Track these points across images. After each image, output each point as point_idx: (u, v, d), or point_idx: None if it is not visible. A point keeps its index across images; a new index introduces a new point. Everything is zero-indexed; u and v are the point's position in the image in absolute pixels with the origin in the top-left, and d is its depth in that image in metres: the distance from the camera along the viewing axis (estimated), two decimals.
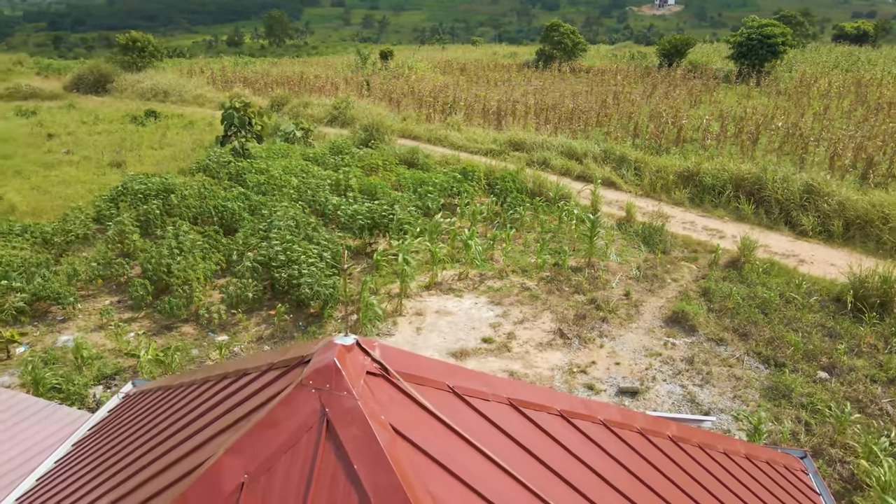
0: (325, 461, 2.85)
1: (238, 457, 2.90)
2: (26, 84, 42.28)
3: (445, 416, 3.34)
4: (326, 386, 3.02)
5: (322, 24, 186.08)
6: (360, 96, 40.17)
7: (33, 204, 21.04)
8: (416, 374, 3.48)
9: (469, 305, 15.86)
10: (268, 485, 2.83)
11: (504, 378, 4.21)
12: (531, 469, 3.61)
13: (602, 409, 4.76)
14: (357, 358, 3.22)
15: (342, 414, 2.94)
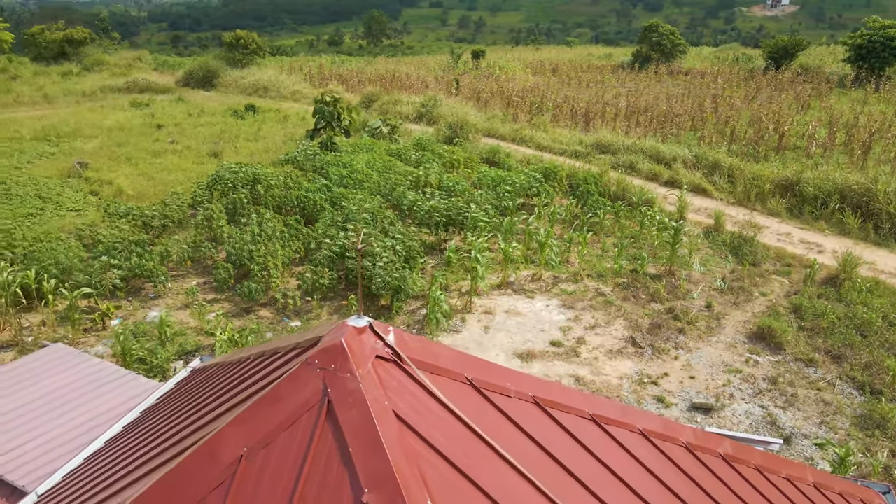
0: (322, 442, 2.82)
1: (239, 430, 2.93)
2: (143, 78, 45.53)
3: (457, 408, 3.23)
4: (331, 366, 2.99)
5: (420, 24, 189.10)
6: (449, 95, 40.43)
7: (139, 188, 22.58)
8: (431, 363, 3.39)
9: (540, 307, 15.57)
10: (265, 460, 2.84)
11: (534, 376, 4.03)
12: (549, 472, 3.43)
13: (642, 417, 4.48)
14: (368, 341, 3.17)
15: (343, 396, 2.90)
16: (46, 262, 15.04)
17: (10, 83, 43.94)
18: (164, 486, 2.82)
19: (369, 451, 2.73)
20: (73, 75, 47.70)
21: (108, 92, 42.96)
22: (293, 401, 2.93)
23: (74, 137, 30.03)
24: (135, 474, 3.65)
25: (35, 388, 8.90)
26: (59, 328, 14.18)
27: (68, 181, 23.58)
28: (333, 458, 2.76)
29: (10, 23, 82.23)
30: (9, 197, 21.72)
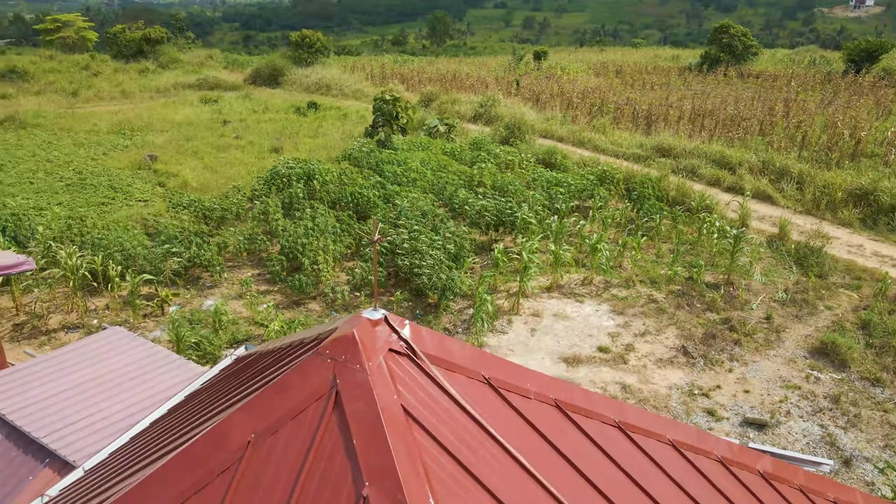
0: (327, 432, 2.81)
1: (248, 417, 2.95)
2: (213, 76, 47.22)
3: (470, 405, 3.17)
4: (342, 357, 2.98)
5: (484, 25, 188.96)
6: (508, 95, 40.19)
7: (202, 181, 23.39)
8: (447, 360, 3.34)
9: (589, 312, 15.26)
10: (271, 448, 2.85)
11: (557, 379, 3.92)
12: (565, 478, 3.32)
13: (673, 427, 4.30)
14: (381, 333, 3.15)
15: (351, 387, 2.88)
16: (113, 248, 15.76)
17: (92, 79, 46.35)
18: (171, 468, 2.87)
19: (373, 445, 2.71)
20: (149, 72, 49.93)
21: (181, 88, 44.74)
22: (302, 390, 2.94)
23: (147, 131, 31.40)
24: (156, 455, 3.74)
25: (92, 368, 9.31)
26: (122, 312, 14.84)
27: (139, 173, 24.67)
28: (338, 450, 2.75)
29: (95, 22, 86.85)
30: (84, 186, 22.91)
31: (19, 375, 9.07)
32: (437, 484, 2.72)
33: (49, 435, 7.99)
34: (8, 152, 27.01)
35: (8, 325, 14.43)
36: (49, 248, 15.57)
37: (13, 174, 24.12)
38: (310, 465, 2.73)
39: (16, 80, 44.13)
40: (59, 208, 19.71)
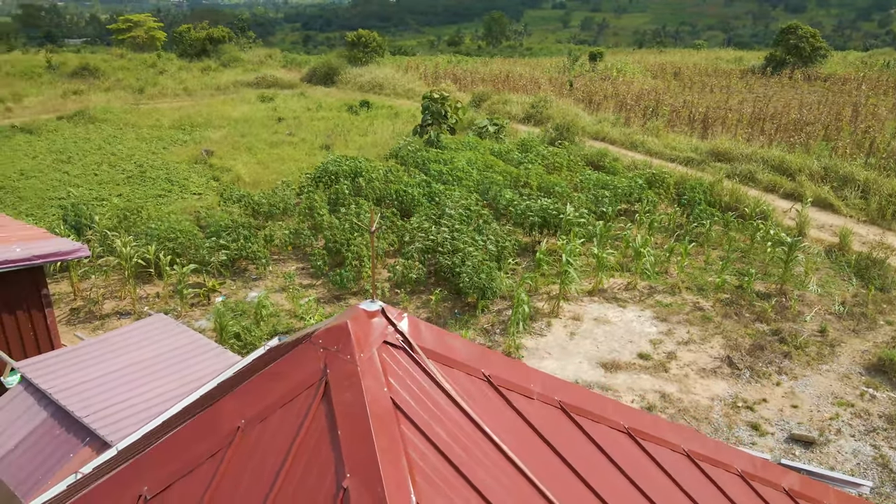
0: (315, 422, 2.80)
1: (239, 402, 2.97)
2: (271, 75, 48.40)
3: (465, 402, 3.12)
4: (334, 347, 2.97)
5: (541, 26, 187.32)
6: (560, 96, 39.70)
7: (254, 176, 23.98)
8: (446, 355, 3.29)
9: (631, 317, 14.91)
10: (260, 434, 2.86)
11: (568, 382, 3.82)
12: (564, 483, 3.23)
13: (690, 437, 4.13)
14: (377, 325, 3.12)
15: (340, 378, 2.87)
16: (165, 239, 16.31)
17: (158, 77, 48.18)
18: (162, 450, 2.92)
19: (357, 437, 2.68)
20: (211, 70, 51.57)
21: (240, 86, 46.02)
22: (293, 378, 2.94)
23: (205, 127, 32.42)
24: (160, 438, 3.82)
25: (135, 353, 9.65)
26: (171, 301, 15.34)
27: (195, 167, 25.49)
28: (323, 440, 2.74)
29: (165, 23, 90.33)
30: (143, 179, 23.83)
31: (68, 357, 9.48)
32: (421, 479, 2.67)
33: (91, 415, 8.31)
34: (77, 145, 28.34)
35: (66, 308, 15.12)
36: (106, 237, 16.23)
37: (80, 166, 25.30)
38: (295, 453, 2.73)
39: (88, 77, 46.28)
40: (118, 199, 20.55)
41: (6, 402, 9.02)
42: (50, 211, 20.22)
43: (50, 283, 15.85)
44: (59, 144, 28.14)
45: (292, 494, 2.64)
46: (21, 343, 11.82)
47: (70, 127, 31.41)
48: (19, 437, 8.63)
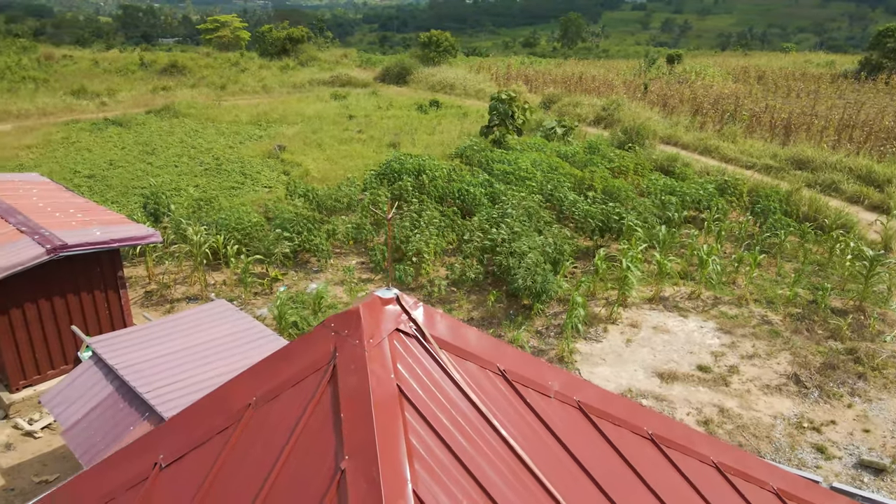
0: (320, 404, 2.85)
1: (251, 380, 3.06)
2: (345, 73, 49.54)
3: (475, 394, 3.09)
4: (344, 332, 3.01)
5: (619, 27, 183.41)
6: (634, 99, 38.75)
7: (322, 171, 24.61)
8: (460, 347, 3.28)
9: (693, 328, 14.38)
10: (268, 412, 2.94)
11: (592, 384, 3.73)
12: (574, 484, 3.15)
13: (719, 449, 3.94)
14: (390, 313, 3.14)
15: (348, 362, 2.91)
16: (234, 229, 16.98)
17: (239, 75, 50.18)
18: (179, 421, 3.04)
19: (358, 420, 2.71)
20: (289, 69, 53.26)
21: (315, 84, 47.32)
22: (303, 360, 3.00)
23: (280, 123, 33.52)
24: None
25: (195, 335, 10.09)
26: (236, 288, 15.95)
27: (268, 161, 26.39)
28: (327, 421, 2.78)
29: (250, 23, 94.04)
30: (219, 172, 24.88)
31: (135, 336, 10.00)
32: (420, 465, 2.67)
33: (151, 392, 8.74)
34: (161, 138, 29.89)
35: (141, 291, 15.98)
36: (179, 225, 17.04)
37: (162, 157, 26.68)
38: (299, 433, 2.78)
39: (176, 75, 48.73)
40: (194, 190, 21.55)
41: (78, 374, 9.62)
42: (133, 198, 21.41)
43: (128, 267, 16.83)
44: (146, 137, 29.76)
45: (294, 472, 2.70)
46: (97, 320, 12.59)
47: (156, 121, 33.16)
48: (87, 409, 9.19)
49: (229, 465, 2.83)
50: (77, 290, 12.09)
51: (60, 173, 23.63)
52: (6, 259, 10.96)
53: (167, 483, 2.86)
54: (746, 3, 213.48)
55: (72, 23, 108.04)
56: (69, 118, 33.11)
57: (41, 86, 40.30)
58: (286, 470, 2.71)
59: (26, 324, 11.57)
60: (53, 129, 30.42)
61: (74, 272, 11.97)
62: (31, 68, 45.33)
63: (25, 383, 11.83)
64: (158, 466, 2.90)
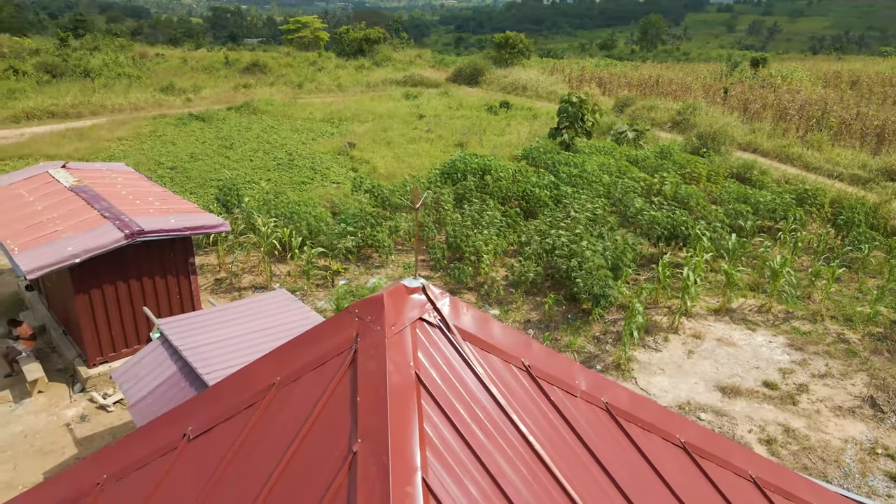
0: (340, 387, 2.91)
1: (276, 361, 3.14)
2: (418, 74, 50.11)
3: (496, 388, 3.08)
4: (368, 318, 3.05)
5: (703, 30, 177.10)
6: (712, 104, 37.34)
7: (389, 169, 24.99)
8: (485, 340, 3.27)
9: (760, 342, 13.74)
10: (289, 393, 3.01)
11: (623, 387, 3.64)
12: (594, 485, 3.08)
13: (757, 463, 3.76)
14: (414, 302, 3.16)
15: (368, 347, 2.95)
16: (300, 222, 17.48)
17: (316, 74, 51.63)
18: (209, 396, 3.16)
19: (373, 405, 2.75)
20: (364, 69, 54.37)
21: (389, 84, 48.10)
22: (327, 344, 3.06)
23: (352, 121, 34.27)
24: None
25: (254, 322, 10.46)
26: (300, 280, 16.42)
27: (337, 158, 27.04)
28: (344, 404, 2.83)
29: (329, 24, 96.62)
30: (291, 167, 25.69)
31: (199, 319, 10.46)
32: (432, 453, 2.68)
33: (210, 373, 9.12)
34: (240, 133, 31.14)
35: (211, 278, 16.70)
36: (249, 217, 17.70)
37: (239, 152, 27.78)
38: (318, 414, 2.85)
39: (257, 73, 50.64)
40: (266, 183, 22.32)
41: (146, 353, 10.14)
42: (209, 190, 22.40)
43: (201, 255, 17.64)
44: (225, 132, 31.07)
45: (310, 451, 2.76)
46: (168, 304, 13.24)
47: (236, 117, 34.56)
48: (152, 386, 9.67)
49: (252, 439, 2.93)
50: (151, 274, 12.76)
51: (146, 164, 25.00)
52: (89, 242, 11.70)
53: (194, 453, 2.99)
54: (844, 5, 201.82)
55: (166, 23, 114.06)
56: (157, 113, 34.99)
57: (134, 82, 42.74)
58: (303, 448, 2.77)
59: (105, 303, 12.30)
60: (143, 122, 32.21)
61: (150, 257, 12.64)
62: (126, 66, 48.17)
63: (102, 359, 12.57)
64: (187, 437, 3.03)
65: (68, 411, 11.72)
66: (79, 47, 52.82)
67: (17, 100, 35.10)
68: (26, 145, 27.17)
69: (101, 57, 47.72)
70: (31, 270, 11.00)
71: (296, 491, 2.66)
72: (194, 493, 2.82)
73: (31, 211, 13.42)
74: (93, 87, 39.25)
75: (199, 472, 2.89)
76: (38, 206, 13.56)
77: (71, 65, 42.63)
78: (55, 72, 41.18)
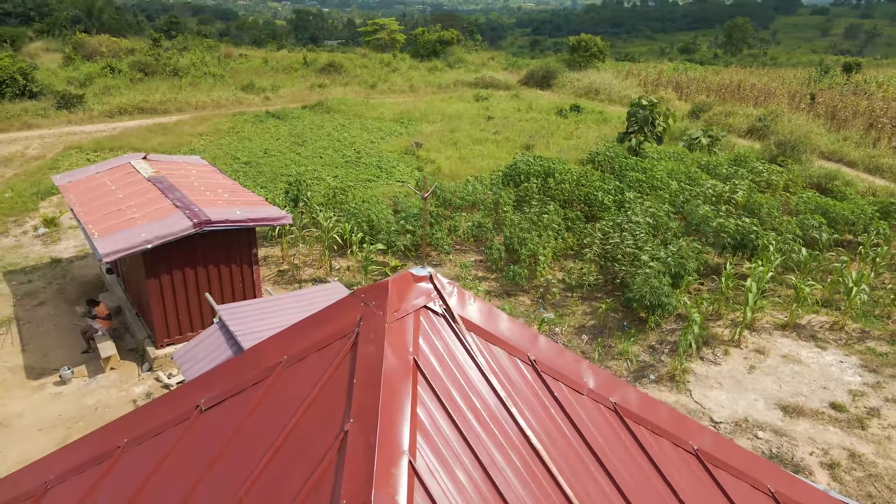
0: (340, 368, 2.99)
1: (284, 341, 3.26)
2: (490, 76, 50.16)
3: (496, 379, 3.08)
4: (372, 303, 3.12)
5: (794, 34, 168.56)
6: (797, 110, 35.55)
7: (453, 169, 25.15)
8: (491, 333, 3.28)
9: (830, 361, 12.99)
10: (295, 372, 3.12)
11: (636, 389, 3.56)
12: (592, 486, 3.04)
13: (777, 476, 3.58)
14: (419, 290, 3.21)
15: (369, 331, 3.01)
16: (362, 218, 17.86)
17: (390, 74, 52.55)
18: (221, 371, 3.31)
19: (368, 386, 2.81)
20: (437, 70, 54.90)
21: (460, 86, 48.37)
22: (332, 326, 3.15)
23: (421, 121, 34.68)
24: None
25: (307, 312, 10.75)
26: (358, 274, 16.76)
27: (404, 157, 27.44)
28: (342, 385, 2.91)
29: (406, 26, 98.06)
30: (358, 164, 26.27)
31: (256, 307, 10.88)
32: (423, 439, 2.72)
33: None
34: (312, 131, 32.11)
35: (275, 269, 17.30)
36: (313, 211, 18.23)
37: (311, 149, 28.65)
38: (318, 393, 2.94)
39: (332, 73, 52.05)
40: (332, 180, 22.93)
41: (205, 336, 10.63)
42: (279, 184, 23.22)
43: (267, 246, 18.31)
44: (298, 129, 32.11)
45: (307, 428, 2.86)
46: (231, 291, 13.82)
47: (310, 115, 35.65)
48: (208, 368, 10.13)
49: (257, 414, 3.05)
50: (217, 262, 13.36)
51: (223, 159, 26.16)
52: (161, 229, 12.37)
53: (205, 424, 3.14)
54: None
55: (252, 25, 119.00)
56: (237, 110, 36.55)
57: (218, 81, 44.76)
58: (301, 425, 2.87)
59: (173, 288, 12.97)
60: (223, 119, 33.72)
61: (216, 245, 13.23)
62: (212, 65, 50.53)
63: (169, 341, 13.26)
64: (199, 409, 3.19)
65: (136, 388, 12.42)
66: (170, 47, 55.80)
67: (112, 96, 37.47)
68: (117, 138, 28.99)
69: (189, 57, 50.20)
70: (108, 254, 11.75)
71: (290, 466, 2.75)
72: (200, 462, 2.97)
73: (112, 199, 14.32)
74: (180, 85, 41.38)
75: (207, 443, 3.04)
76: (119, 195, 14.45)
77: (161, 64, 45.11)
78: (147, 70, 43.68)
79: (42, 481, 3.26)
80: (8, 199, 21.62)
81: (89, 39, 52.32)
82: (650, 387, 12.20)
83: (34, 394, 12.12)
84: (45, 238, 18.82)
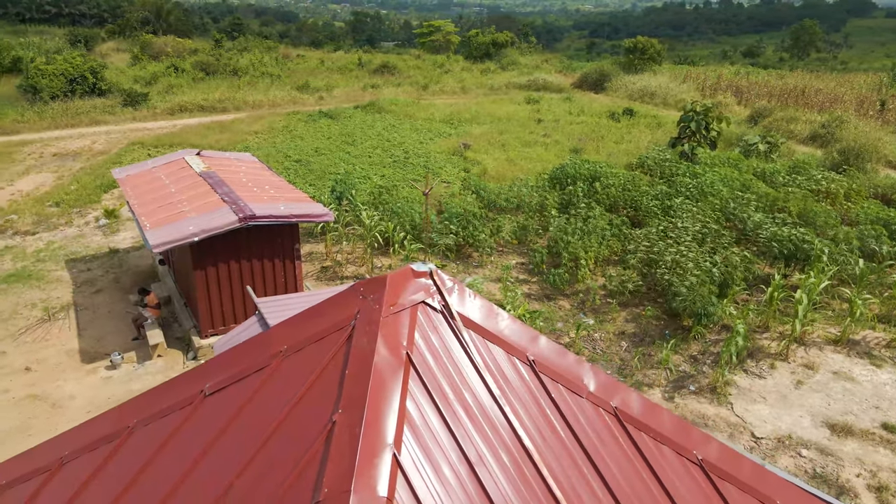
0: (335, 360, 3.04)
1: (286, 331, 3.33)
2: (542, 78, 49.76)
3: (491, 377, 3.07)
4: (370, 296, 3.15)
5: (866, 37, 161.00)
6: (864, 117, 33.94)
7: (500, 171, 25.06)
8: (490, 331, 3.27)
9: (885, 380, 12.37)
10: (293, 361, 3.19)
11: (634, 391, 3.49)
12: (584, 491, 2.99)
13: (786, 492, 3.44)
14: (418, 285, 3.22)
15: (364, 324, 3.05)
16: (404, 218, 18.01)
17: (442, 76, 52.80)
18: (226, 358, 3.41)
19: (358, 378, 2.85)
20: (489, 72, 54.85)
21: (512, 88, 48.18)
22: (330, 318, 3.20)
23: (470, 123, 34.71)
24: None
25: None
26: None
27: (451, 158, 27.53)
28: (335, 376, 2.96)
29: (462, 28, 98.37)
30: (405, 164, 26.50)
31: (293, 301, 11.10)
32: (410, 432, 2.74)
33: None
34: (363, 130, 32.57)
35: (318, 265, 17.63)
36: (356, 209, 18.48)
37: (360, 148, 29.07)
38: (313, 383, 2.99)
39: (386, 74, 52.68)
40: (379, 179, 23.19)
41: (244, 328, 10.91)
42: (328, 182, 23.62)
43: (311, 243, 18.67)
44: (349, 129, 32.62)
45: (300, 417, 2.91)
46: (274, 285, 14.16)
47: (361, 115, 36.17)
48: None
49: (256, 401, 3.13)
50: (260, 256, 13.70)
51: (275, 156, 26.82)
52: (208, 223, 12.78)
53: (207, 409, 3.24)
54: None
55: (311, 27, 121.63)
56: (292, 109, 37.40)
57: (275, 81, 45.92)
58: (295, 413, 2.93)
59: (218, 280, 13.38)
60: (277, 118, 34.58)
61: (260, 240, 13.58)
62: (270, 65, 51.90)
63: (213, 332, 13.68)
64: (203, 394, 3.29)
65: None
66: (231, 48, 57.59)
67: (174, 94, 38.95)
68: (177, 135, 30.12)
69: (249, 57, 51.73)
70: (157, 245, 12.22)
71: (281, 453, 2.81)
72: (200, 446, 3.07)
73: (165, 193, 14.88)
74: (238, 84, 42.64)
75: (208, 427, 3.14)
76: (172, 189, 15.01)
77: (222, 64, 46.62)
78: (208, 70, 45.23)
79: (58, 456, 3.44)
80: (74, 191, 22.75)
81: (156, 40, 54.54)
82: (689, 398, 11.88)
83: (87, 377, 12.70)
84: (105, 229, 19.72)
